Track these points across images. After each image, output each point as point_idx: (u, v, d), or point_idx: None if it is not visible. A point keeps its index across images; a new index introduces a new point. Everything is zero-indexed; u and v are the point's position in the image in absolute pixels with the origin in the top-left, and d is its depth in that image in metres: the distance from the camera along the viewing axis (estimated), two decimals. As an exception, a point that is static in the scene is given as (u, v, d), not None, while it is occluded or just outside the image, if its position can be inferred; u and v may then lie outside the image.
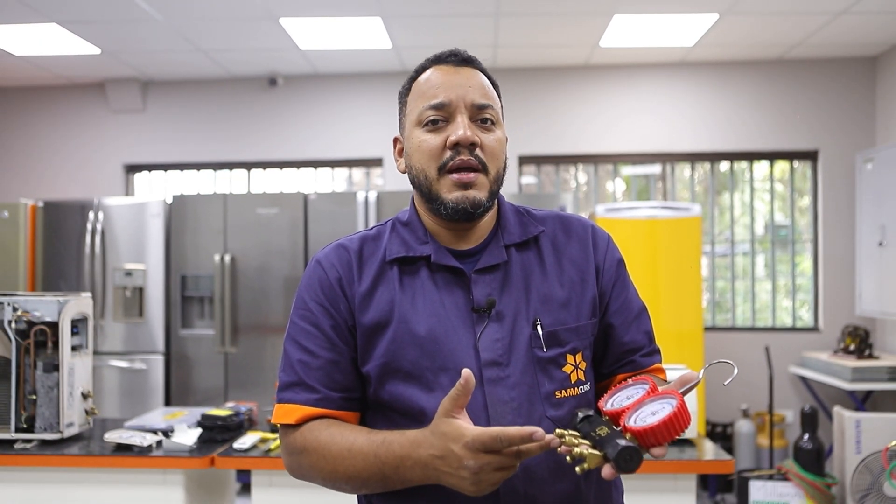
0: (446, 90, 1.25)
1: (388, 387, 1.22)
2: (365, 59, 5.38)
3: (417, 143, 1.26)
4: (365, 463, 1.15)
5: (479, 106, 1.25)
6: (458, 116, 1.24)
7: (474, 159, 1.23)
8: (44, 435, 2.64)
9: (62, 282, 4.86)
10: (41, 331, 2.64)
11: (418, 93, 1.28)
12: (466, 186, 1.23)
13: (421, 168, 1.26)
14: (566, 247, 1.33)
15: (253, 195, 5.04)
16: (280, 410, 1.25)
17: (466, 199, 1.23)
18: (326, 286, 1.27)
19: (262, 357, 4.78)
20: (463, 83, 1.26)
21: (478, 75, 1.29)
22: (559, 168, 5.80)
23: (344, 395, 1.25)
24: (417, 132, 1.26)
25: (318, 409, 1.23)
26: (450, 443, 1.04)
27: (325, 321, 1.25)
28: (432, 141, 1.24)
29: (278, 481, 2.62)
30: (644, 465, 0.96)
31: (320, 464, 1.20)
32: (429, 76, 1.28)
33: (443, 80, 1.26)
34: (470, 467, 1.02)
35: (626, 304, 1.34)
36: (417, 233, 1.30)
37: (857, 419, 4.10)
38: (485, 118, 1.25)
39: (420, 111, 1.26)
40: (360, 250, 1.30)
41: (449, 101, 1.24)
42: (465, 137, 1.22)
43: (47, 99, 5.92)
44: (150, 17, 4.47)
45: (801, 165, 5.59)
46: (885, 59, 5.24)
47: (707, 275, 5.57)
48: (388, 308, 1.24)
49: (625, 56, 5.37)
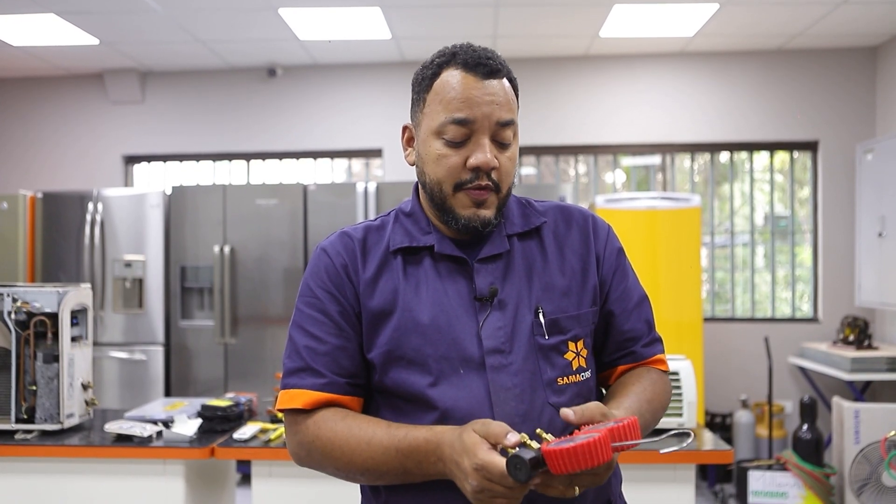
0: (472, 107, 1.21)
1: (391, 374, 1.23)
2: (364, 50, 5.36)
3: (436, 156, 1.24)
4: (385, 456, 1.16)
5: (504, 123, 1.24)
6: (482, 138, 1.22)
7: (490, 183, 1.24)
8: (44, 426, 2.64)
9: (62, 273, 4.86)
10: (41, 322, 2.64)
11: (440, 96, 1.24)
12: (479, 205, 1.24)
13: (437, 180, 1.25)
14: (567, 236, 1.34)
15: (252, 186, 5.03)
16: (285, 396, 1.25)
17: (478, 218, 1.24)
18: (333, 273, 1.28)
19: (261, 348, 4.78)
20: (490, 99, 1.22)
21: (504, 87, 1.25)
22: (559, 159, 5.79)
23: (350, 380, 1.25)
24: (436, 143, 1.24)
25: (325, 394, 1.23)
26: (463, 454, 1.06)
27: (332, 307, 1.26)
28: (452, 159, 1.23)
29: (278, 472, 2.62)
30: (643, 455, 0.96)
31: (335, 454, 1.20)
32: (454, 83, 1.23)
33: (469, 93, 1.22)
34: (472, 485, 1.04)
35: (626, 293, 1.35)
36: (420, 223, 1.31)
37: (856, 409, 4.11)
38: (504, 140, 1.24)
39: (441, 122, 1.23)
40: (365, 239, 1.31)
41: (474, 118, 1.22)
42: (486, 163, 1.22)
43: (46, 90, 5.91)
44: (148, 8, 4.46)
45: (801, 156, 5.58)
46: (886, 49, 5.22)
47: (707, 265, 5.57)
48: (391, 297, 1.25)
49: (625, 46, 5.35)
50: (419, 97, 1.29)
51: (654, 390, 1.31)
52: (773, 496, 4.20)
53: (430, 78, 1.26)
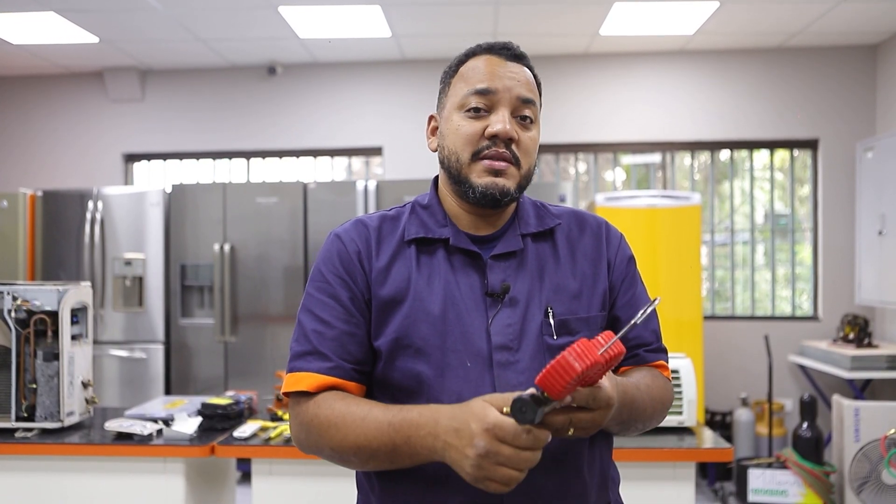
0: (493, 79, 1.26)
1: (397, 363, 1.23)
2: (364, 48, 5.36)
3: (456, 127, 1.27)
4: (378, 431, 1.13)
5: (524, 100, 1.27)
6: (501, 109, 1.25)
7: (509, 153, 1.25)
8: (44, 424, 2.64)
9: (62, 271, 4.86)
10: (41, 320, 2.64)
11: (464, 76, 1.29)
12: (497, 174, 1.25)
13: (454, 150, 1.27)
14: (580, 241, 1.35)
15: (252, 184, 5.03)
16: (291, 379, 1.25)
17: (496, 186, 1.25)
18: (346, 259, 1.28)
19: (261, 346, 4.78)
20: (513, 76, 1.27)
21: (526, 72, 1.31)
22: (559, 157, 5.79)
23: (356, 367, 1.25)
24: (457, 116, 1.27)
25: (330, 378, 1.22)
26: (471, 418, 1.02)
27: (342, 293, 1.26)
28: (470, 127, 1.26)
29: (278, 469, 2.63)
30: (642, 453, 0.96)
31: (331, 432, 1.18)
32: (477, 63, 1.29)
33: (492, 69, 1.27)
34: (478, 447, 0.99)
35: (633, 300, 1.35)
36: (437, 216, 1.32)
37: (856, 407, 4.11)
38: (525, 115, 1.27)
39: (463, 95, 1.27)
40: (380, 228, 1.32)
41: (495, 89, 1.25)
42: (504, 131, 1.23)
43: (46, 88, 5.91)
44: (148, 6, 4.46)
45: (801, 154, 5.58)
46: (886, 47, 5.22)
47: (707, 264, 5.57)
48: (404, 285, 1.26)
49: (625, 44, 5.35)
50: (445, 84, 1.34)
51: (654, 383, 1.29)
52: (773, 494, 4.20)
53: (456, 65, 1.32)
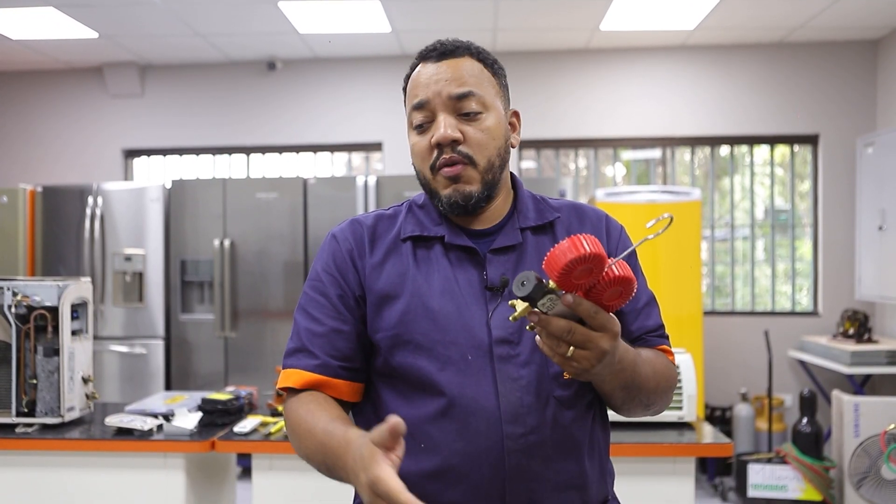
0: (424, 89, 1.27)
1: (397, 357, 1.25)
2: (364, 43, 5.35)
3: (412, 145, 1.31)
4: (315, 449, 1.17)
5: (457, 96, 1.26)
6: (439, 115, 1.26)
7: (457, 155, 1.25)
8: (45, 419, 2.65)
9: (62, 267, 4.86)
10: (41, 315, 2.64)
11: (408, 93, 1.32)
12: (455, 180, 1.26)
13: (418, 168, 1.31)
14: (580, 233, 1.33)
15: (252, 180, 5.03)
16: (283, 376, 1.29)
17: (458, 193, 1.27)
18: (339, 257, 1.31)
19: (261, 341, 4.78)
20: (440, 77, 1.27)
21: (459, 65, 1.28)
22: (559, 152, 5.78)
23: (344, 364, 1.27)
24: (412, 134, 1.31)
25: (315, 375, 1.26)
26: (360, 468, 0.99)
27: (332, 290, 1.29)
28: (422, 143, 1.29)
29: (278, 465, 2.63)
30: (642, 448, 0.96)
31: (292, 437, 1.25)
32: (415, 74, 1.31)
33: (421, 79, 1.29)
34: (364, 499, 0.98)
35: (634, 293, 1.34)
36: (432, 215, 1.33)
37: (856, 403, 4.11)
38: (467, 111, 1.26)
39: (409, 113, 1.30)
40: (375, 226, 1.34)
41: (427, 98, 1.27)
42: (443, 137, 1.25)
43: (45, 83, 5.90)
44: (148, 1, 4.45)
45: (801, 150, 5.58)
46: (887, 42, 5.21)
47: (707, 259, 5.57)
48: (398, 280, 1.27)
49: (625, 39, 5.34)
50: (404, 102, 1.35)
51: (657, 360, 1.29)
52: (773, 489, 4.21)
53: (405, 81, 1.34)
